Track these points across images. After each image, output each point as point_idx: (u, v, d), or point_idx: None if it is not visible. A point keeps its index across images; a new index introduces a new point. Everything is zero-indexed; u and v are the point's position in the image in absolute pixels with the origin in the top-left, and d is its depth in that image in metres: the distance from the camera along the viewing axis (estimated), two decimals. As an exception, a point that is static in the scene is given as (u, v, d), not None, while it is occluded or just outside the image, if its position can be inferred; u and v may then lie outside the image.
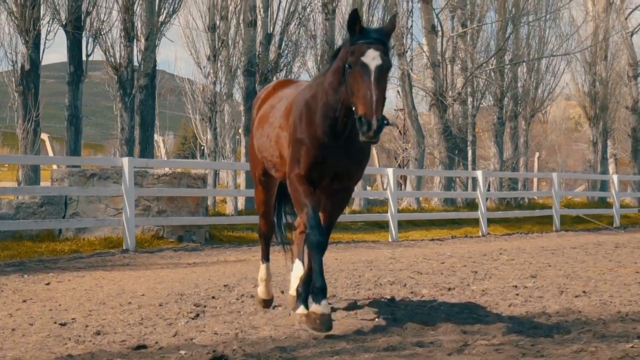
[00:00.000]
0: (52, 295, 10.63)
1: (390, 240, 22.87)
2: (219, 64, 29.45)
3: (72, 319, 8.50)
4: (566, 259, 15.72)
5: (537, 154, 55.51)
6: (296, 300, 8.18)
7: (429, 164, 41.18)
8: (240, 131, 30.44)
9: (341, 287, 10.87)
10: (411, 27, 35.68)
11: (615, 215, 32.30)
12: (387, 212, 23.79)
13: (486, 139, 44.43)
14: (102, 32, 25.53)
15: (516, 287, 10.94)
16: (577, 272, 12.83)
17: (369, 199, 33.86)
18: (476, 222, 26.69)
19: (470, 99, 37.99)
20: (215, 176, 31.83)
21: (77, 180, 18.60)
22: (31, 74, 23.54)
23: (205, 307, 9.18)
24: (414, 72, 37.51)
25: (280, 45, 30.37)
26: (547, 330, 7.54)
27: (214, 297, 9.94)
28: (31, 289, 11.27)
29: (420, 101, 38.59)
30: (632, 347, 6.42)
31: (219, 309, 9.09)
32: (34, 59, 23.57)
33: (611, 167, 47.82)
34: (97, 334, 7.57)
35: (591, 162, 46.11)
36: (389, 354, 6.33)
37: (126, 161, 17.95)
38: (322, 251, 7.36)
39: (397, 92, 42.58)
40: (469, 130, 37.77)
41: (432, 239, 23.44)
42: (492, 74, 38.05)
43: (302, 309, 7.88)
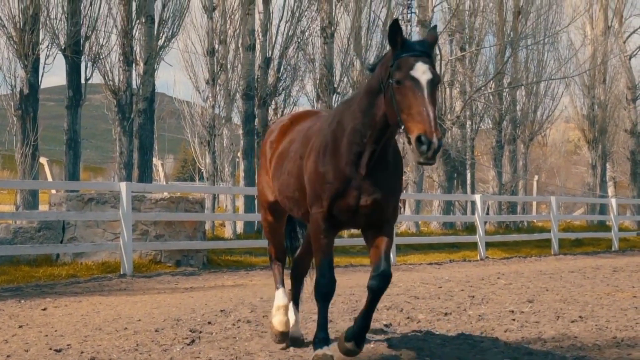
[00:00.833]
0: (48, 320, 10.62)
1: (388, 264, 22.77)
2: (217, 88, 29.52)
3: (68, 345, 8.50)
4: (564, 283, 15.72)
5: (536, 176, 55.55)
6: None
7: (428, 187, 41.20)
8: (239, 155, 30.47)
9: (338, 312, 10.86)
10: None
11: (614, 238, 32.27)
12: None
13: (485, 162, 44.46)
14: (101, 57, 25.56)
15: (513, 312, 10.93)
16: (574, 297, 12.83)
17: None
18: (475, 245, 26.64)
19: (469, 122, 38.09)
20: (214, 199, 31.87)
21: (74, 204, 18.59)
22: (30, 98, 23.56)
23: (201, 332, 9.18)
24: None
25: (279, 69, 30.45)
26: (542, 356, 7.54)
27: (210, 323, 9.93)
28: (28, 315, 11.25)
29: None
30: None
31: (215, 334, 9.08)
32: (33, 83, 23.60)
33: (610, 189, 47.82)
34: (92, 360, 7.56)
35: (590, 185, 46.12)
36: (383, 381, 6.33)
37: (124, 186, 17.95)
38: (329, 300, 7.19)
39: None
40: (468, 153, 37.82)
41: (431, 263, 23.41)
42: (491, 98, 38.12)
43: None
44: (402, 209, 40.27)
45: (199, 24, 30.58)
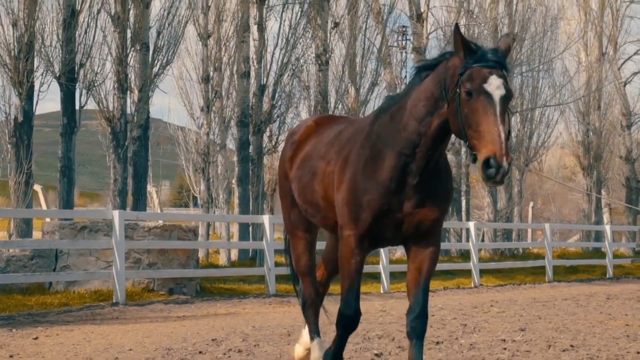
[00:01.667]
0: (39, 350, 10.59)
1: (382, 291, 22.80)
2: (212, 115, 29.56)
3: (56, 375, 8.47)
4: (557, 311, 15.70)
5: (532, 203, 55.52)
6: None
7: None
8: (233, 182, 30.48)
9: (329, 341, 10.81)
10: (405, 77, 35.79)
11: (608, 265, 32.24)
12: (379, 263, 23.66)
13: (480, 189, 44.45)
14: (95, 84, 25.62)
15: (504, 340, 10.91)
16: (567, 325, 12.82)
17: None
18: (469, 272, 26.62)
19: (463, 149, 38.10)
20: (208, 227, 31.83)
21: (67, 233, 18.56)
22: (24, 126, 23.53)
23: (191, 362, 9.16)
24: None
25: (273, 96, 30.47)
26: (531, 387, 7.53)
27: (201, 352, 9.91)
28: (19, 344, 11.22)
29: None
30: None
31: (205, 364, 9.06)
32: (27, 111, 23.57)
33: (605, 216, 47.77)
34: (80, 391, 7.54)
35: (585, 211, 46.13)
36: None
37: (116, 214, 17.93)
38: (350, 333, 6.96)
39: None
40: (463, 180, 37.85)
41: (425, 290, 23.32)
42: (486, 124, 38.12)
43: None
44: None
45: (194, 51, 30.75)
